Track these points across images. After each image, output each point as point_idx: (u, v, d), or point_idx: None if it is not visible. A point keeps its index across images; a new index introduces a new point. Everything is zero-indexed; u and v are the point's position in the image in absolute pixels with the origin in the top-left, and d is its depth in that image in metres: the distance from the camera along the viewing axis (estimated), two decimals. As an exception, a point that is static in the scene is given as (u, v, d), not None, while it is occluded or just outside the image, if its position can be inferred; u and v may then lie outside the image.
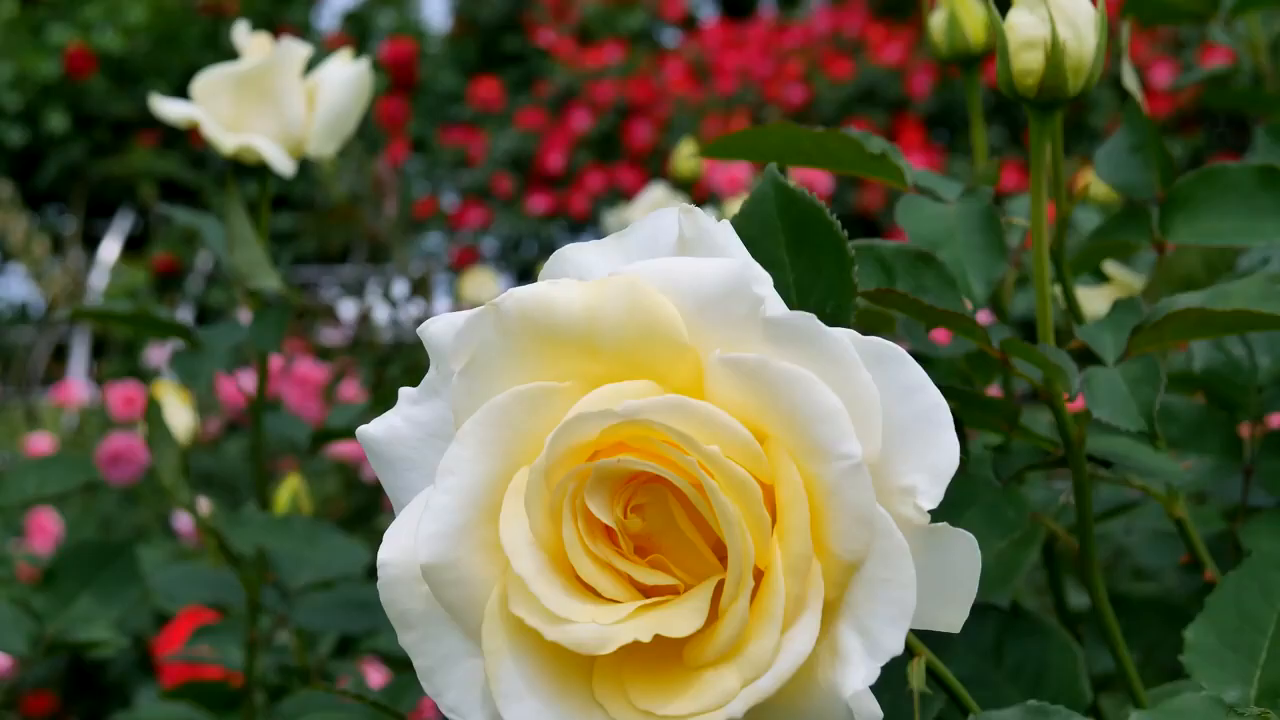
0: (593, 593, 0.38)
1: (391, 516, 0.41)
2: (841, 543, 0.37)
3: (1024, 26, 0.54)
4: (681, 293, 0.39)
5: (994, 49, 0.64)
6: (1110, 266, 0.83)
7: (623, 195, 5.09)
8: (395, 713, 0.58)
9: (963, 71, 0.73)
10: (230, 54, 0.95)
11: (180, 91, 0.98)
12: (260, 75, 0.89)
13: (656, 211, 0.42)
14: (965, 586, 0.38)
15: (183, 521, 1.95)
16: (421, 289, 2.76)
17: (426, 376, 0.42)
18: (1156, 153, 0.66)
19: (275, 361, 1.97)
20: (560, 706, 0.38)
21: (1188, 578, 0.94)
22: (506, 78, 6.09)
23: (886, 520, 0.37)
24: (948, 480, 0.37)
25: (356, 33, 6.68)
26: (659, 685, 0.38)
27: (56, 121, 6.12)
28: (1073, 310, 0.66)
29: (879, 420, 0.37)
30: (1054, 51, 0.53)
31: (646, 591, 0.38)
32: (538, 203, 5.49)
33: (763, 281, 0.39)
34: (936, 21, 0.72)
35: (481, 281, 2.28)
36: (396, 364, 2.58)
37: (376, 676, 1.33)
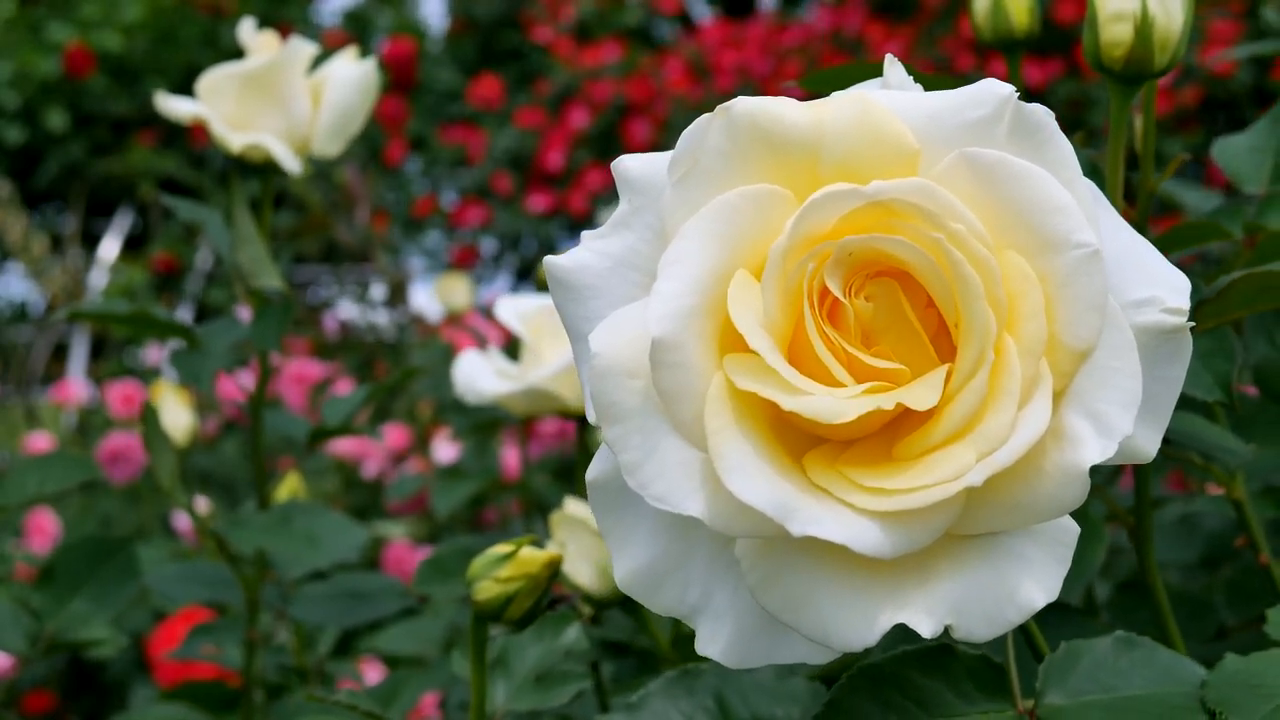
0: (821, 375, 0.39)
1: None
2: (1073, 330, 0.38)
3: (1116, -1, 0.54)
4: (906, 106, 0.41)
5: (1035, 35, 0.64)
6: None
7: (622, 194, 5.08)
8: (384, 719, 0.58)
9: (1004, 56, 0.73)
10: (229, 52, 0.95)
11: (180, 90, 0.98)
12: (266, 74, 0.89)
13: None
14: (1166, 405, 0.40)
15: (182, 521, 1.95)
16: (398, 293, 2.77)
17: (615, 212, 0.42)
18: (1275, 154, 0.67)
19: (273, 360, 1.97)
20: (785, 483, 0.37)
21: (1197, 574, 0.94)
22: (505, 75, 6.08)
23: (1116, 311, 0.38)
24: (1187, 295, 0.39)
25: (356, 31, 6.67)
26: (878, 472, 0.38)
27: (56, 120, 6.11)
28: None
29: (1096, 226, 0.39)
30: (1143, 25, 0.54)
31: (873, 377, 0.39)
32: (537, 201, 5.49)
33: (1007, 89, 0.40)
34: (981, 4, 0.72)
35: (454, 286, 2.37)
36: (388, 363, 2.58)
37: (375, 675, 1.33)
